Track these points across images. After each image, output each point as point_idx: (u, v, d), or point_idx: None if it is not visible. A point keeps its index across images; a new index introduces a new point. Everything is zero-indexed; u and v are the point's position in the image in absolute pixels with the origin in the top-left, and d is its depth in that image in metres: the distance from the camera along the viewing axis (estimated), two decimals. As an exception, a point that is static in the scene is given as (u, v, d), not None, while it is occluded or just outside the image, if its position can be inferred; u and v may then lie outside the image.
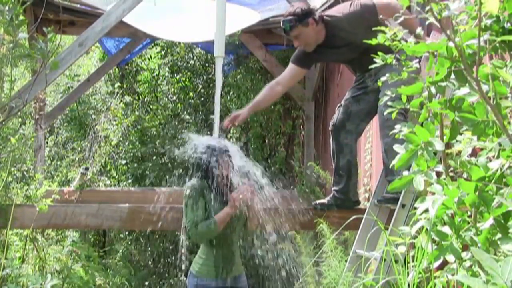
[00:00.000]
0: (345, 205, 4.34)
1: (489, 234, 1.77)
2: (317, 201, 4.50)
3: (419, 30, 2.44)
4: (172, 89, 9.34)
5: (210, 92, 8.71)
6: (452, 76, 1.91)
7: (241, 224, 3.68)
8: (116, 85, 9.23)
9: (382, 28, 2.28)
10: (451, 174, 2.02)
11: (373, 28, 2.36)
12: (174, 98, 9.31)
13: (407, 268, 2.17)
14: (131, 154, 8.54)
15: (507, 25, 1.93)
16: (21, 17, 3.25)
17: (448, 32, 1.82)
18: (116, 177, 8.68)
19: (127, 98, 9.08)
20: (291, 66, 4.20)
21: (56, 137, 9.45)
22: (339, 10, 4.06)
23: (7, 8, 3.13)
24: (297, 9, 3.99)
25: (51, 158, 9.16)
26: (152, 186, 7.75)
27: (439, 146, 1.86)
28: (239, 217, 3.61)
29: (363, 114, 4.20)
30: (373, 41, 2.27)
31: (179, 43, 8.54)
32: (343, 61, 4.72)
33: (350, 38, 3.96)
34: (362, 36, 2.97)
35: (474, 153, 2.03)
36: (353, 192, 4.36)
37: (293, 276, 4.32)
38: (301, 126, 7.64)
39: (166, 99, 9.46)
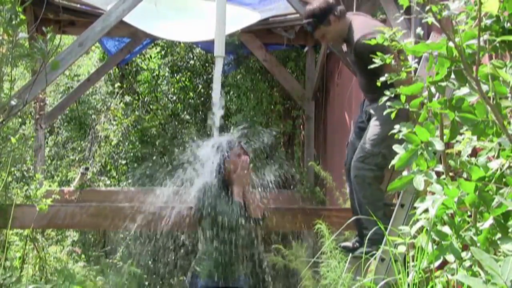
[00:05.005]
0: None
1: (489, 234, 1.77)
2: (342, 244, 4.00)
3: (419, 30, 2.44)
4: (172, 89, 9.33)
5: (210, 92, 8.69)
6: (452, 76, 1.91)
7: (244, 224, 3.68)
8: (116, 85, 9.21)
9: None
10: (451, 174, 2.02)
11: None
12: (174, 98, 9.30)
13: (407, 268, 2.16)
14: (131, 154, 8.53)
15: (507, 25, 1.93)
16: (21, 17, 3.24)
17: (448, 32, 1.82)
18: (116, 177, 8.67)
19: (127, 98, 9.07)
20: None
21: (56, 137, 9.44)
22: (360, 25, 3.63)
23: (6, 7, 3.12)
24: (315, 9, 3.63)
25: (51, 158, 9.15)
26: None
27: (439, 146, 1.86)
28: (242, 217, 3.61)
29: None
30: (372, 41, 2.27)
31: (179, 43, 8.53)
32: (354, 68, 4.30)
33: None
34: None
35: (474, 153, 2.03)
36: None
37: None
38: (301, 126, 7.63)
39: (166, 99, 9.45)
